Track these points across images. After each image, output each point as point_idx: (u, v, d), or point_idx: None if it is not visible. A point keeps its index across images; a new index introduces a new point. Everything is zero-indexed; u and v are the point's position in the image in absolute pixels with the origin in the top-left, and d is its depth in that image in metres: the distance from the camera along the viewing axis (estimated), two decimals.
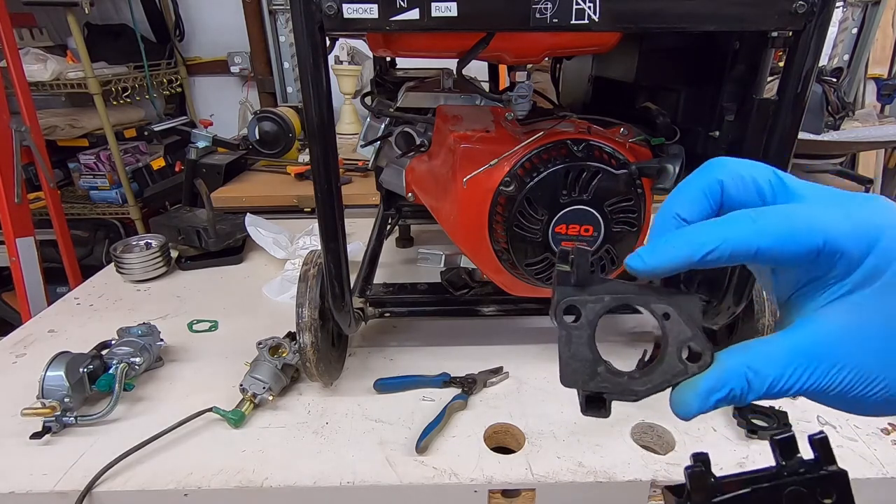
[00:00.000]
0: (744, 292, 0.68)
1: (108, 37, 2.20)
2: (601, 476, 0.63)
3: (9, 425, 0.71)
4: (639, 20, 0.53)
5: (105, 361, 0.76)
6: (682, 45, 0.74)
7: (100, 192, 2.13)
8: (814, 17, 0.53)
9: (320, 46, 0.54)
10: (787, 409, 0.72)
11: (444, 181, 0.74)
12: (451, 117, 0.77)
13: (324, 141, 0.58)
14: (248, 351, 0.79)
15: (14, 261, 1.71)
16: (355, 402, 0.76)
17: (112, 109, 2.09)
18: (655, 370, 0.26)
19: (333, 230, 0.63)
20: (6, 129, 1.65)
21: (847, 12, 2.21)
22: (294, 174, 1.72)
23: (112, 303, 1.06)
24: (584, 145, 0.63)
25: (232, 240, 1.23)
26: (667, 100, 0.75)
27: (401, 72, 1.19)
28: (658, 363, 0.26)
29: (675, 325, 0.26)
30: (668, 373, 0.26)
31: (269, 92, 2.41)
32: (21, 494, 0.62)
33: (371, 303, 0.80)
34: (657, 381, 0.26)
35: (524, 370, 0.82)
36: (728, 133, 0.66)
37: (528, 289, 0.74)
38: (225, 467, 0.64)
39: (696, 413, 0.25)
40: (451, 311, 0.85)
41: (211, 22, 2.42)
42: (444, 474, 0.63)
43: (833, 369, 0.24)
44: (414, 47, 0.68)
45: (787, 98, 0.56)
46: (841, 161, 1.77)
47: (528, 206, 0.63)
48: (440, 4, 0.51)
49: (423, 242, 1.30)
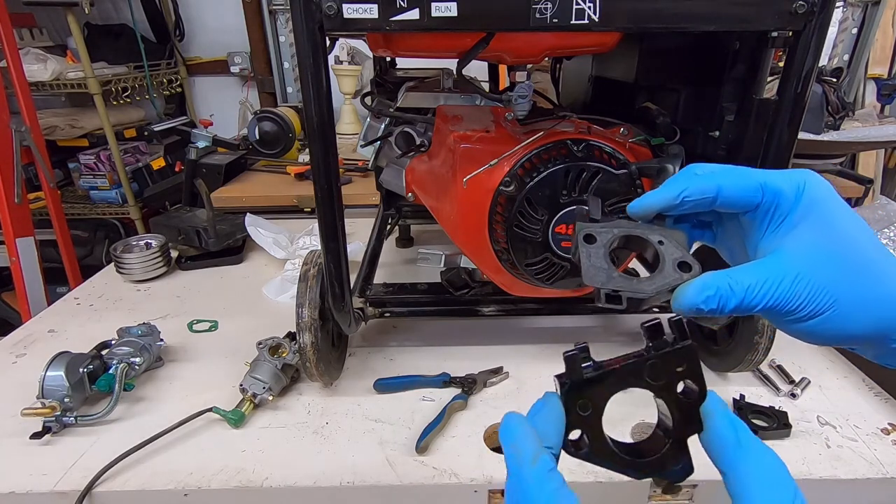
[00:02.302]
0: None
1: (108, 37, 2.20)
2: (601, 476, 0.63)
3: (9, 425, 0.71)
4: (639, 20, 0.53)
5: (105, 361, 0.76)
6: (682, 45, 0.74)
7: (100, 192, 2.13)
8: (814, 17, 0.53)
9: (320, 46, 0.54)
10: (787, 410, 0.72)
11: (444, 181, 0.74)
12: (451, 117, 0.77)
13: (324, 141, 0.58)
14: (248, 351, 0.79)
15: (14, 261, 1.71)
16: (355, 402, 0.76)
17: (112, 109, 2.09)
18: (656, 277, 0.32)
19: (333, 230, 0.63)
20: (6, 129, 1.65)
21: (847, 12, 2.21)
22: (294, 174, 1.72)
23: (112, 303, 1.06)
24: (584, 145, 0.63)
25: (232, 240, 1.23)
26: (667, 100, 0.75)
27: (401, 72, 1.19)
28: (658, 273, 0.32)
29: (669, 248, 0.33)
30: (667, 278, 0.32)
31: (269, 92, 2.41)
32: (21, 494, 0.62)
33: (371, 303, 0.80)
34: (659, 283, 0.32)
35: (524, 370, 0.82)
36: (728, 133, 0.66)
37: (528, 289, 0.73)
38: (225, 467, 0.64)
39: (691, 305, 0.30)
40: (451, 311, 0.85)
41: (211, 22, 2.42)
42: (444, 474, 0.63)
43: (794, 281, 0.30)
44: (414, 47, 0.68)
45: (787, 98, 0.56)
46: (841, 161, 1.77)
47: (528, 206, 0.63)
48: (440, 4, 0.51)
49: (423, 242, 1.30)
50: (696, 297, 0.30)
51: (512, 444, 0.29)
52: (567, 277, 0.67)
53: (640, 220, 0.35)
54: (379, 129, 0.87)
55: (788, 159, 0.59)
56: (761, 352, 0.73)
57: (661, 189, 0.34)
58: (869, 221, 1.05)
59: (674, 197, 0.33)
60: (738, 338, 0.76)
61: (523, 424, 0.30)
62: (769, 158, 0.60)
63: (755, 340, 0.72)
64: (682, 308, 0.30)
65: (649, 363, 0.31)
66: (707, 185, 0.32)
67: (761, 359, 0.75)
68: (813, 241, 0.31)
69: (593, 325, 0.96)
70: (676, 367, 0.31)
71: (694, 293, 0.30)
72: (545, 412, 0.31)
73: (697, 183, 0.33)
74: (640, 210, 0.35)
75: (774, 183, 0.32)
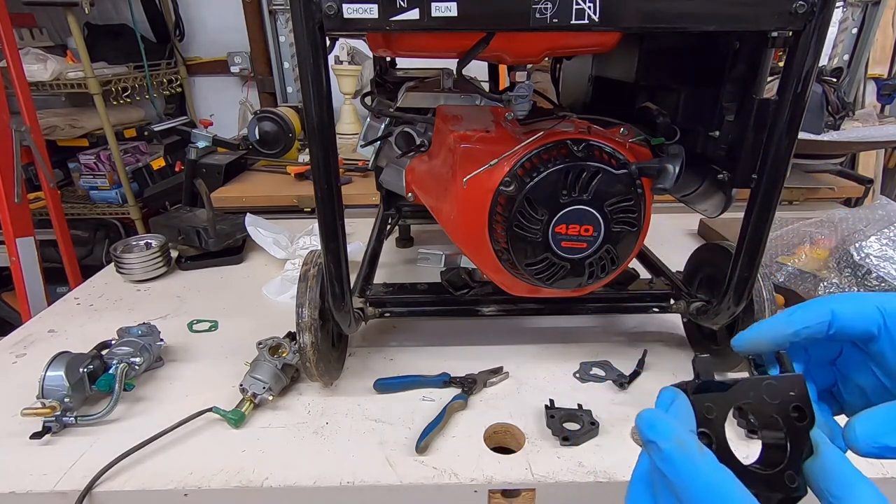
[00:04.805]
0: (744, 292, 0.68)
1: (108, 37, 2.20)
2: (601, 476, 0.63)
3: (9, 425, 0.71)
4: (638, 20, 0.53)
5: (105, 361, 0.76)
6: (682, 45, 0.74)
7: (100, 192, 2.13)
8: (814, 17, 0.53)
9: (320, 46, 0.54)
10: None
11: (444, 181, 0.74)
12: (451, 117, 0.77)
13: (324, 141, 0.58)
14: (248, 351, 0.79)
15: (14, 261, 1.71)
16: (355, 402, 0.76)
17: (112, 109, 2.09)
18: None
19: (333, 230, 0.63)
20: (6, 129, 1.65)
21: (847, 12, 2.21)
22: (294, 174, 1.72)
23: (112, 303, 1.06)
24: (584, 145, 0.63)
25: (232, 240, 1.23)
26: (667, 100, 0.75)
27: (401, 72, 1.19)
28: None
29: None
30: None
31: (269, 92, 2.41)
32: (21, 494, 0.62)
33: (371, 303, 0.80)
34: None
35: (524, 370, 0.82)
36: (728, 133, 0.66)
37: (528, 289, 0.73)
38: (225, 467, 0.64)
39: (883, 444, 0.27)
40: (451, 311, 0.85)
41: (211, 22, 2.42)
42: (444, 474, 0.63)
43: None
44: (414, 47, 0.68)
45: (787, 98, 0.56)
46: (841, 161, 1.77)
47: (528, 206, 0.63)
48: (440, 4, 0.51)
49: (423, 242, 1.30)
50: (888, 437, 0.27)
51: (664, 434, 0.27)
52: (567, 277, 0.67)
53: (746, 354, 0.34)
54: (379, 129, 0.87)
55: (789, 159, 0.59)
56: None
57: (770, 319, 0.32)
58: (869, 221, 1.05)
59: (786, 324, 0.31)
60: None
61: (667, 417, 0.29)
62: (769, 158, 0.60)
63: None
64: (870, 448, 0.28)
65: (766, 383, 0.31)
66: (820, 309, 0.31)
67: None
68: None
69: (593, 324, 0.96)
70: (789, 392, 0.31)
71: (883, 431, 0.27)
72: (677, 405, 0.30)
73: (808, 308, 0.31)
74: (747, 345, 0.33)
75: (893, 304, 0.30)
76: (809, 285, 0.98)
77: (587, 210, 0.63)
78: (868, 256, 0.95)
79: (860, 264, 0.95)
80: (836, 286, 0.95)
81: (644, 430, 0.28)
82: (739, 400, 0.31)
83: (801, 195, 1.64)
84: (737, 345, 0.33)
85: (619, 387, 0.77)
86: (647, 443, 0.28)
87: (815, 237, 1.07)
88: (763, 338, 0.32)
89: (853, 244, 0.98)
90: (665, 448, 0.27)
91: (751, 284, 0.68)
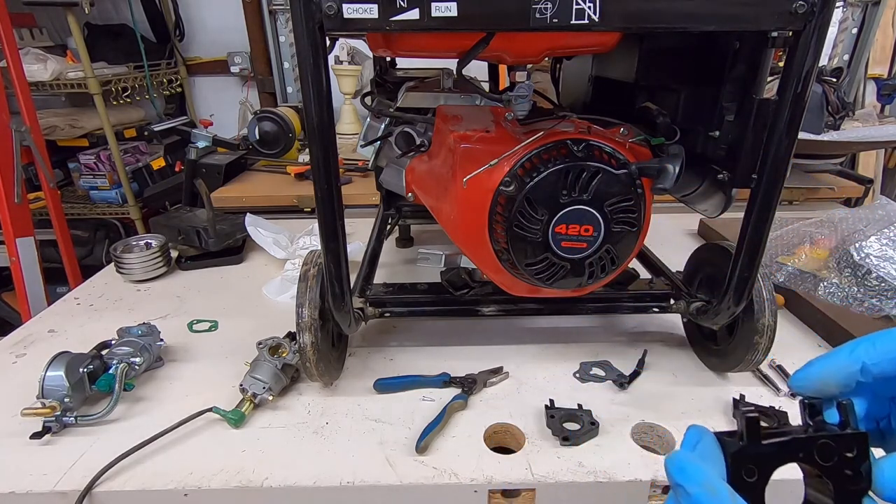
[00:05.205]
0: (744, 292, 0.68)
1: (108, 37, 2.20)
2: (601, 476, 0.63)
3: (9, 425, 0.71)
4: (639, 20, 0.53)
5: (105, 361, 0.76)
6: (682, 45, 0.74)
7: (100, 192, 2.13)
8: (814, 17, 0.53)
9: (320, 46, 0.54)
10: (787, 410, 0.72)
11: (444, 181, 0.74)
12: (451, 117, 0.77)
13: (324, 141, 0.58)
14: (248, 351, 0.79)
15: (14, 261, 1.71)
16: (355, 402, 0.76)
17: (112, 109, 2.09)
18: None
19: (333, 230, 0.63)
20: (6, 129, 1.65)
21: (847, 12, 2.21)
22: (294, 174, 1.72)
23: (112, 303, 1.06)
24: (584, 145, 0.63)
25: (232, 240, 1.23)
26: (667, 100, 0.75)
27: (401, 72, 1.19)
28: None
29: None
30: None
31: (269, 92, 2.41)
32: (21, 494, 0.62)
33: (371, 303, 0.80)
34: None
35: (524, 370, 0.82)
36: (728, 133, 0.66)
37: (528, 289, 0.74)
38: (225, 467, 0.64)
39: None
40: (451, 311, 0.85)
41: (211, 22, 2.42)
42: (444, 474, 0.63)
43: None
44: (414, 47, 0.68)
45: (787, 98, 0.56)
46: (841, 161, 1.77)
47: (528, 206, 0.63)
48: (440, 4, 0.51)
49: (423, 242, 1.30)
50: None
51: (693, 478, 0.26)
52: (567, 277, 0.67)
53: (806, 396, 0.30)
54: (379, 129, 0.87)
55: (789, 159, 0.59)
56: (761, 352, 0.73)
57: (832, 355, 0.27)
58: (869, 221, 1.05)
59: (850, 362, 0.27)
60: (738, 338, 0.76)
61: (698, 460, 0.27)
62: (769, 159, 0.60)
63: (755, 340, 0.72)
64: (893, 494, 0.26)
65: (821, 442, 0.28)
66: (891, 342, 0.27)
67: (761, 359, 0.75)
68: None
69: (593, 324, 0.96)
70: (846, 452, 0.28)
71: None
72: (704, 445, 0.28)
73: (874, 343, 0.27)
74: (812, 386, 0.29)
75: None
76: (809, 285, 0.98)
77: (587, 210, 0.63)
78: (868, 256, 0.95)
79: (860, 264, 0.95)
80: (836, 286, 0.95)
81: (673, 473, 0.27)
82: (786, 462, 0.28)
83: (801, 195, 1.64)
84: (798, 386, 0.30)
85: (619, 387, 0.77)
86: (675, 486, 0.26)
87: (815, 237, 1.07)
88: (828, 375, 0.28)
89: (853, 244, 0.98)
90: (694, 493, 0.25)
91: (751, 284, 0.68)
